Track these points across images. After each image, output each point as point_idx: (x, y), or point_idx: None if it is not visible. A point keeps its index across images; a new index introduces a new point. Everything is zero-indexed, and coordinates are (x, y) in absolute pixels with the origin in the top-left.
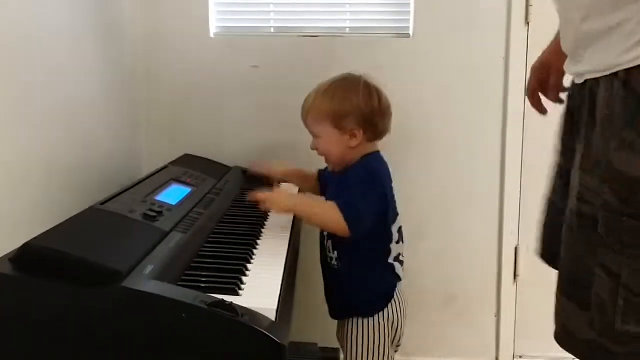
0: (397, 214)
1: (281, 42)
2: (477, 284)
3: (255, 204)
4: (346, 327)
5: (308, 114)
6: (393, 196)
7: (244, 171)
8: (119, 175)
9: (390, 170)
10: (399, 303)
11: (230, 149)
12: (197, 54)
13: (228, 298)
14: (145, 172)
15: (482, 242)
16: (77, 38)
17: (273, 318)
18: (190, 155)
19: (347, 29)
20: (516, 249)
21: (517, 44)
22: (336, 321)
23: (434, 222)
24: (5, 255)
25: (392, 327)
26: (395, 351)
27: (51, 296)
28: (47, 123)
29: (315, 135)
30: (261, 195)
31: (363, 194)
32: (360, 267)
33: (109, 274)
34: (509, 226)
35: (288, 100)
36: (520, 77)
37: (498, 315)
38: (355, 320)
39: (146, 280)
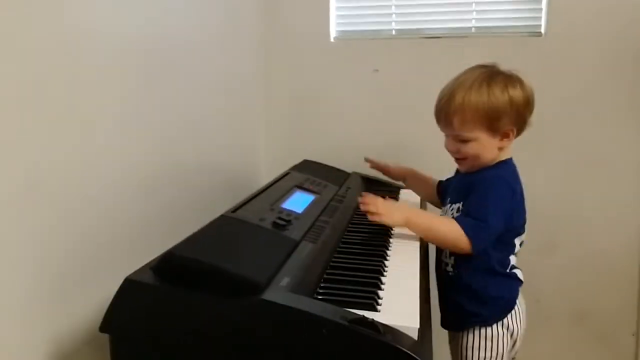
0: (523, 225)
1: (402, 45)
2: (613, 300)
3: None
4: (462, 336)
5: (455, 115)
6: (524, 208)
7: (364, 177)
8: (239, 180)
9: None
10: (519, 311)
11: (349, 154)
12: (317, 59)
13: (366, 314)
14: (264, 177)
15: (621, 254)
16: (200, 47)
17: (415, 337)
18: (310, 161)
19: (473, 28)
20: None
21: None
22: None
23: (566, 233)
24: (147, 263)
25: (511, 336)
26: None
27: (191, 305)
28: (172, 131)
29: (460, 139)
30: (372, 207)
31: (496, 207)
32: (480, 274)
33: (250, 285)
34: None
35: (410, 105)
36: None
37: (637, 335)
38: (472, 329)
39: (284, 293)
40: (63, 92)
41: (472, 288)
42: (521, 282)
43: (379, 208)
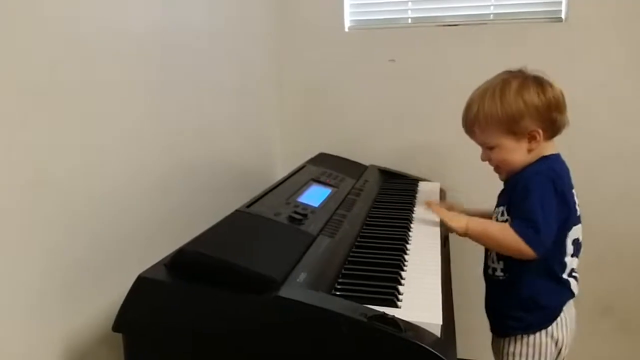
0: (576, 223)
1: (419, 33)
2: (638, 293)
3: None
4: (505, 342)
5: (474, 124)
6: (574, 204)
7: (382, 170)
8: (255, 174)
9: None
10: (567, 321)
11: (366, 146)
12: (331, 50)
13: (386, 310)
14: (280, 171)
15: None
16: (213, 38)
17: (438, 334)
18: (326, 154)
19: (491, 15)
20: None
21: None
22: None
23: (591, 224)
24: (160, 260)
25: (556, 346)
26: None
27: (205, 303)
28: (187, 126)
29: (486, 146)
30: (438, 211)
31: (542, 204)
32: (530, 280)
33: (265, 282)
34: None
35: (427, 95)
36: None
37: None
38: (515, 336)
39: (301, 289)
40: (78, 90)
41: (522, 294)
42: (573, 294)
43: (443, 216)
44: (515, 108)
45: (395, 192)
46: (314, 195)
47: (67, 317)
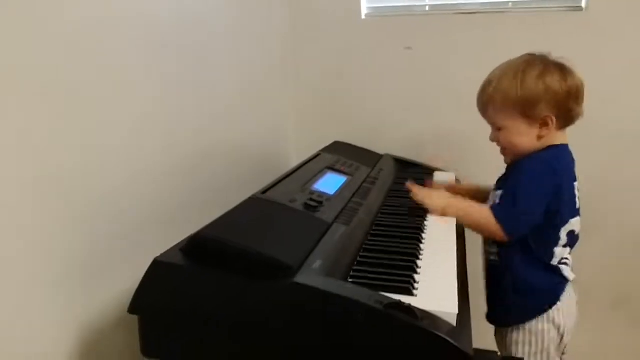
0: (573, 216)
1: (437, 21)
2: None
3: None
4: (507, 331)
5: (489, 104)
6: (573, 196)
7: (397, 159)
8: (269, 162)
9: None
10: (567, 306)
11: (381, 135)
12: (348, 37)
13: (402, 298)
14: (294, 159)
15: None
16: (228, 28)
17: (453, 323)
18: (341, 142)
19: (510, 3)
20: None
21: None
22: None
23: (606, 215)
24: (176, 245)
25: (558, 331)
26: (561, 359)
27: (220, 288)
28: (201, 114)
29: (497, 127)
30: (417, 191)
31: (529, 193)
32: (521, 265)
33: (281, 268)
34: None
35: (444, 84)
36: None
37: None
38: (517, 325)
39: (317, 276)
40: (95, 75)
41: (513, 278)
42: (566, 279)
43: (422, 195)
44: (534, 91)
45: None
46: (329, 183)
47: (83, 300)
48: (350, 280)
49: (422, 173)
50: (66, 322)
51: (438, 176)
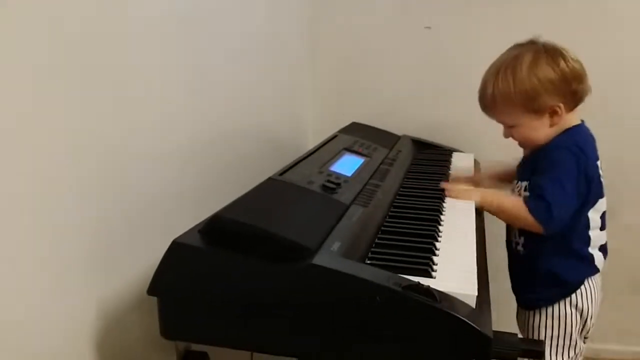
0: (601, 196)
1: (456, 0)
2: None
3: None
4: (530, 314)
5: (491, 107)
6: (599, 176)
7: (415, 140)
8: (286, 143)
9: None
10: (592, 291)
11: (399, 116)
12: (365, 17)
13: (421, 280)
14: (311, 140)
15: None
16: (246, 9)
17: (473, 305)
18: (358, 123)
19: None
20: None
21: None
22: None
23: (625, 199)
24: (195, 226)
25: (581, 317)
26: (584, 342)
27: (239, 269)
28: (218, 95)
29: (508, 125)
30: (449, 188)
31: (560, 181)
32: (549, 257)
33: (299, 249)
34: None
35: (463, 64)
36: None
37: None
38: (540, 309)
39: (335, 258)
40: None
41: (540, 268)
42: (597, 269)
43: (454, 192)
44: (529, 86)
45: (429, 162)
46: (347, 165)
47: (102, 281)
48: (369, 262)
49: (441, 154)
50: (85, 304)
51: (457, 157)
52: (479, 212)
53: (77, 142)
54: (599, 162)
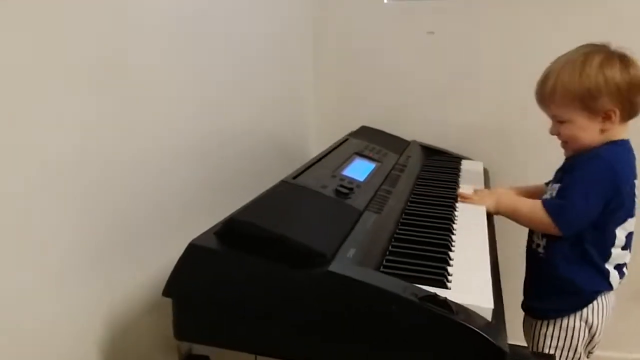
0: (631, 215)
1: (459, 5)
2: None
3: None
4: (538, 323)
5: (549, 97)
6: (632, 195)
7: (424, 146)
8: (290, 147)
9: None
10: (603, 308)
11: (404, 122)
12: (370, 22)
13: (436, 291)
14: (313, 142)
15: None
16: (248, 11)
17: (489, 318)
18: (368, 127)
19: None
20: None
21: None
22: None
23: None
24: (211, 228)
25: (589, 331)
26: (587, 357)
27: (255, 273)
28: (222, 97)
29: (558, 120)
30: (466, 196)
31: (586, 190)
32: (568, 260)
33: (315, 256)
34: None
35: (468, 69)
36: None
37: None
38: (548, 319)
39: (351, 265)
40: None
41: (557, 273)
42: (611, 286)
43: (471, 198)
44: (594, 83)
45: (439, 169)
46: (359, 169)
47: (118, 281)
48: (383, 270)
49: (450, 161)
50: (99, 304)
51: (466, 164)
52: (490, 217)
53: (84, 143)
54: (636, 181)
